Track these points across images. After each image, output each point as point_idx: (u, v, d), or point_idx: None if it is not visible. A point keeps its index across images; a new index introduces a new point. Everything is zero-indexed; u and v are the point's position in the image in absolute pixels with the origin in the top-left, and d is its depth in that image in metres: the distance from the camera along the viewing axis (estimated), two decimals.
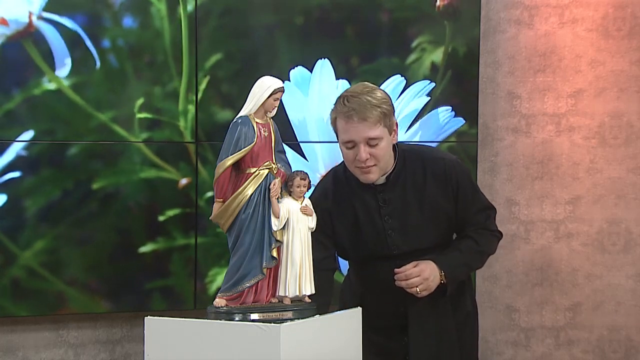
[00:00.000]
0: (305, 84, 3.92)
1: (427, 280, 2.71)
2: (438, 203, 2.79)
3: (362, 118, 2.64)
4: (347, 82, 3.94)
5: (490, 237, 2.89)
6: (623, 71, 4.34)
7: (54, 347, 3.92)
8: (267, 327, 2.40)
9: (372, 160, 2.69)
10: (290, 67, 3.91)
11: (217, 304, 2.54)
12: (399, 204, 2.79)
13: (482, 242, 2.85)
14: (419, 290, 2.71)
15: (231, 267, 2.55)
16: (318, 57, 3.93)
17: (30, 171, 3.71)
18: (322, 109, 3.93)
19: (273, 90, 2.59)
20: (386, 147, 2.71)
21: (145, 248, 3.83)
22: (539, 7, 4.30)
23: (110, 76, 3.76)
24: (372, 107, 2.64)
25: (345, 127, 2.69)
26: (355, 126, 2.66)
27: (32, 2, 3.65)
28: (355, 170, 2.75)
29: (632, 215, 4.36)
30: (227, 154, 2.52)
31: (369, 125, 2.65)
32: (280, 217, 2.55)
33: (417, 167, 2.81)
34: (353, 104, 2.66)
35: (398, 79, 4.00)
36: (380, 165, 2.72)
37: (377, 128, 2.66)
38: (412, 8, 4.03)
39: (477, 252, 2.85)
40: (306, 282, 2.59)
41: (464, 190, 2.81)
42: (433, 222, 2.79)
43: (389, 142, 2.72)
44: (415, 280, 2.71)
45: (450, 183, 2.79)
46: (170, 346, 2.52)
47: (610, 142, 4.35)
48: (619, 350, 4.38)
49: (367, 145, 2.68)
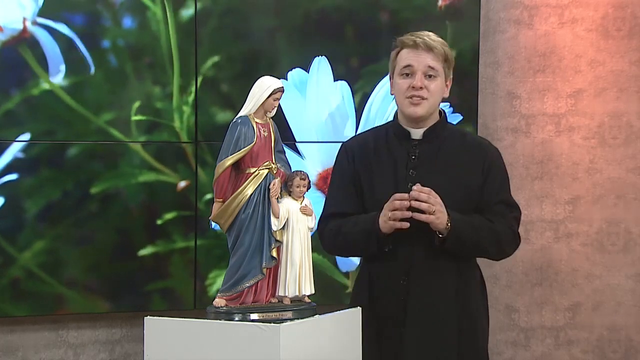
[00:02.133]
0: (303, 86, 3.92)
1: (441, 207, 2.63)
2: (466, 173, 2.76)
3: (428, 47, 2.73)
4: (347, 83, 3.95)
5: (506, 228, 2.80)
6: (623, 71, 4.34)
7: (54, 347, 3.92)
8: (266, 327, 2.41)
9: (425, 93, 2.72)
10: (291, 69, 3.91)
11: (216, 304, 2.55)
12: (427, 161, 2.76)
13: (497, 226, 2.76)
14: (433, 211, 2.61)
15: (231, 267, 2.56)
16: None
17: (29, 172, 3.71)
18: (320, 108, 3.93)
19: (273, 90, 2.60)
20: (439, 88, 2.76)
21: (145, 251, 3.83)
22: (539, 7, 4.31)
23: (107, 79, 3.75)
24: (439, 44, 2.75)
25: (408, 55, 2.75)
26: (419, 53, 2.73)
27: (26, 7, 3.65)
28: (404, 102, 2.76)
29: (632, 216, 4.37)
30: (226, 154, 2.52)
31: (433, 56, 2.73)
32: (280, 217, 2.56)
33: (456, 135, 2.84)
34: (422, 36, 2.75)
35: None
36: (429, 102, 2.74)
37: (438, 63, 2.74)
38: (413, 8, 4.03)
39: (490, 229, 2.75)
40: (306, 282, 2.60)
41: (494, 175, 2.78)
42: (454, 189, 2.72)
43: (442, 87, 2.78)
44: (435, 199, 2.62)
45: (484, 161, 2.78)
46: (170, 346, 2.52)
47: (609, 142, 4.35)
48: (618, 350, 4.38)
49: (425, 76, 2.72)
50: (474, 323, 2.82)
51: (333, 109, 3.96)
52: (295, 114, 3.90)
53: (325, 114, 3.95)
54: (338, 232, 2.80)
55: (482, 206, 2.77)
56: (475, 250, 2.79)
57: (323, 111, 3.96)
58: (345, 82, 3.95)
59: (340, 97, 3.95)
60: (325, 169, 3.95)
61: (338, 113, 3.96)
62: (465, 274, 2.80)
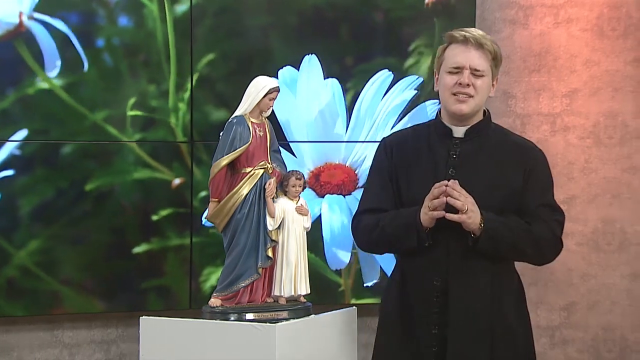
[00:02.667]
0: (294, 84, 3.91)
1: (473, 206, 2.57)
2: (507, 174, 2.68)
3: (479, 45, 2.66)
4: (338, 81, 3.93)
5: (547, 231, 2.68)
6: (618, 71, 4.34)
7: (49, 347, 3.91)
8: (262, 326, 2.41)
9: (472, 90, 2.66)
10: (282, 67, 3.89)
11: (212, 304, 2.55)
12: (468, 160, 2.68)
13: (536, 229, 2.65)
14: (465, 209, 2.56)
15: (226, 267, 2.56)
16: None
17: (24, 170, 3.71)
18: (311, 106, 3.92)
19: (268, 90, 2.60)
20: (486, 86, 2.69)
21: (140, 248, 3.83)
22: (534, 7, 4.31)
23: (103, 76, 3.75)
24: (490, 42, 2.68)
25: (457, 52, 2.68)
26: (469, 50, 2.66)
27: (22, 2, 3.64)
28: (449, 99, 2.69)
29: (627, 215, 4.37)
30: (222, 154, 2.52)
31: (482, 54, 2.66)
32: (275, 217, 2.56)
33: (499, 135, 2.76)
34: (472, 33, 2.68)
35: (385, 73, 3.98)
36: (475, 100, 2.67)
37: (486, 61, 2.67)
38: (404, 7, 4.02)
39: (527, 231, 2.64)
40: (301, 282, 2.60)
41: (536, 177, 2.69)
42: (495, 190, 2.65)
43: (489, 86, 2.71)
44: (466, 199, 2.57)
45: (527, 162, 2.69)
46: (165, 346, 2.52)
47: (605, 142, 4.36)
48: (613, 349, 4.38)
49: (472, 74, 2.66)
50: (507, 328, 2.70)
51: (323, 107, 3.94)
52: (286, 112, 3.89)
53: (316, 112, 3.94)
54: (375, 226, 2.71)
55: (523, 209, 2.68)
56: (511, 253, 2.69)
57: (313, 109, 3.95)
58: (336, 80, 3.94)
59: (331, 95, 3.94)
60: (317, 167, 3.95)
61: (328, 111, 3.95)
62: (500, 278, 2.70)
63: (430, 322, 2.66)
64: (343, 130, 3.95)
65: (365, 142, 3.94)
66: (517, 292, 2.78)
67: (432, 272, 2.66)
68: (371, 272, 4.00)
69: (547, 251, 2.73)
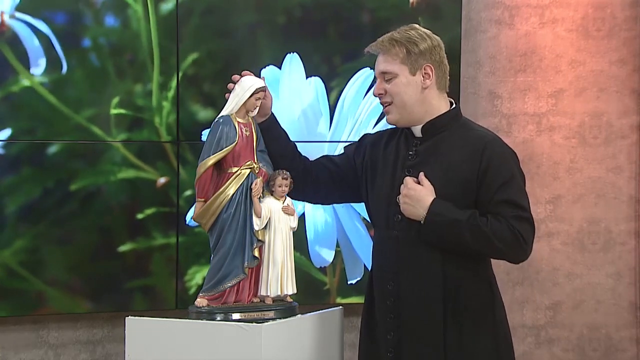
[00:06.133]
0: (276, 83, 3.89)
1: (408, 198, 2.58)
2: (461, 169, 2.60)
3: (382, 51, 2.65)
4: (321, 79, 3.92)
5: (503, 227, 2.57)
6: (603, 71, 4.36)
7: (34, 347, 3.90)
8: (248, 327, 2.41)
9: (388, 97, 2.64)
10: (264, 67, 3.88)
11: (198, 304, 2.54)
12: (424, 158, 2.65)
13: (492, 225, 2.56)
14: (399, 200, 2.60)
15: (213, 266, 2.55)
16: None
17: (9, 170, 3.69)
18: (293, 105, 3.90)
19: (255, 89, 2.60)
20: (404, 86, 2.62)
21: (125, 247, 3.81)
22: (520, 7, 4.32)
23: (87, 76, 3.73)
24: (394, 42, 2.63)
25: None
26: (377, 59, 2.67)
27: (3, 1, 3.62)
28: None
29: (612, 215, 4.39)
30: (208, 154, 2.52)
31: (386, 59, 2.64)
32: (262, 217, 2.56)
33: (463, 130, 2.68)
34: (379, 39, 2.67)
35: (367, 71, 3.95)
36: (397, 105, 2.64)
37: (394, 63, 2.63)
38: (388, 7, 4.02)
39: (476, 226, 2.55)
40: (288, 282, 2.60)
41: (492, 173, 2.58)
42: (449, 186, 2.59)
43: (413, 83, 2.63)
44: (409, 190, 2.59)
45: (481, 158, 2.58)
46: (151, 346, 2.51)
47: (590, 142, 4.38)
48: (598, 348, 4.40)
49: (383, 80, 2.65)
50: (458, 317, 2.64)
51: (306, 106, 3.93)
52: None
53: (298, 111, 3.93)
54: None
55: (480, 204, 2.60)
56: (458, 246, 2.60)
57: (296, 109, 3.93)
58: (318, 78, 3.93)
59: (314, 94, 3.94)
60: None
61: (311, 110, 3.94)
62: (453, 269, 2.63)
63: (387, 327, 2.67)
64: (326, 129, 3.95)
65: (347, 142, 3.94)
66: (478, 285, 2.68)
67: (386, 272, 2.67)
68: (354, 270, 4.00)
69: (504, 248, 2.60)
